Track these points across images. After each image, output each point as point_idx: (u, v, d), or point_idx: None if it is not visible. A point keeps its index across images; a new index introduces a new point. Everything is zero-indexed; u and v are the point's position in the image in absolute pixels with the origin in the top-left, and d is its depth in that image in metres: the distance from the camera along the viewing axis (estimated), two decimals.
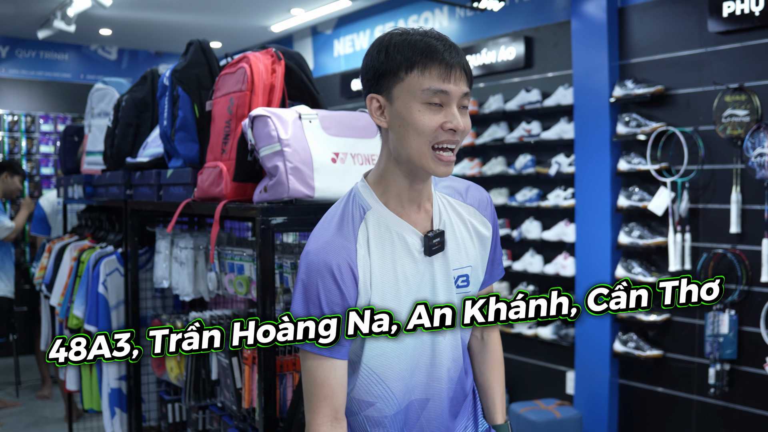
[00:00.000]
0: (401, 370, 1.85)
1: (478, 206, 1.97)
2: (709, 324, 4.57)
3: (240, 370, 2.80)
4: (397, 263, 1.80)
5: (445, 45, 1.69)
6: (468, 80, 1.71)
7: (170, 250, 3.36)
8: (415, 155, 1.71)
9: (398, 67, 1.69)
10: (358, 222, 1.80)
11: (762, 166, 4.28)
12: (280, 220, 2.45)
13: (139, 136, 3.85)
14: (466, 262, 1.91)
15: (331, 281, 1.72)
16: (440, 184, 1.95)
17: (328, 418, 1.77)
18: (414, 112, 1.68)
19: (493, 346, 2.13)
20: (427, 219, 1.86)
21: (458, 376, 1.96)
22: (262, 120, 2.51)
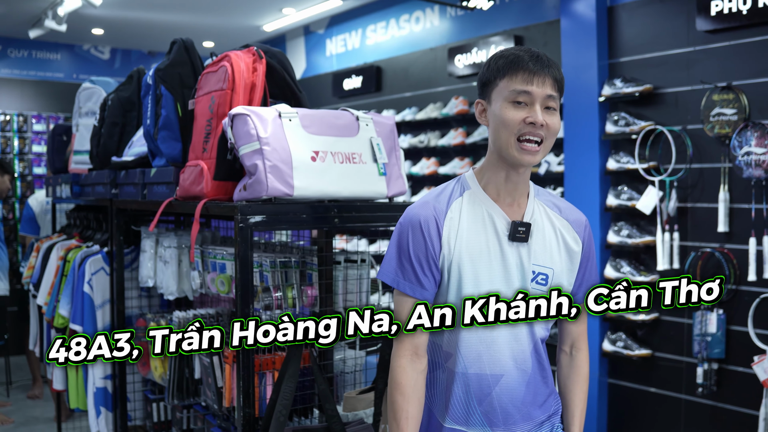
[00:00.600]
0: (472, 334, 2.05)
1: (573, 223, 2.16)
2: (697, 323, 4.56)
3: (221, 369, 2.80)
4: (482, 236, 2.04)
5: (531, 56, 1.98)
6: (554, 85, 1.98)
7: (155, 249, 3.36)
8: (504, 145, 1.99)
9: (495, 75, 2.01)
10: (456, 196, 2.10)
11: (749, 165, 4.28)
12: (258, 218, 2.45)
13: (125, 135, 3.84)
14: (549, 263, 2.09)
15: (418, 232, 2.04)
16: (543, 196, 2.18)
17: (409, 351, 2.06)
18: (503, 109, 1.98)
19: (580, 362, 2.26)
20: (519, 213, 2.10)
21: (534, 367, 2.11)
22: (242, 118, 2.52)
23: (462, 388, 2.08)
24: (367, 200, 2.69)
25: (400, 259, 2.06)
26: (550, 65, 2.00)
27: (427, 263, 2.04)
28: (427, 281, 2.05)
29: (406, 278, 2.06)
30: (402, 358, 2.06)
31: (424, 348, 2.09)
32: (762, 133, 4.23)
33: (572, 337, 2.26)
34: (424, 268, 2.04)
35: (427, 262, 2.04)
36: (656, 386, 5.02)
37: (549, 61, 2.00)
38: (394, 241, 2.09)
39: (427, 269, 2.05)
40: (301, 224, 2.57)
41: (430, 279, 2.06)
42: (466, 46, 6.52)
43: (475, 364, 2.06)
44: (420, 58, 7.23)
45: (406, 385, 2.05)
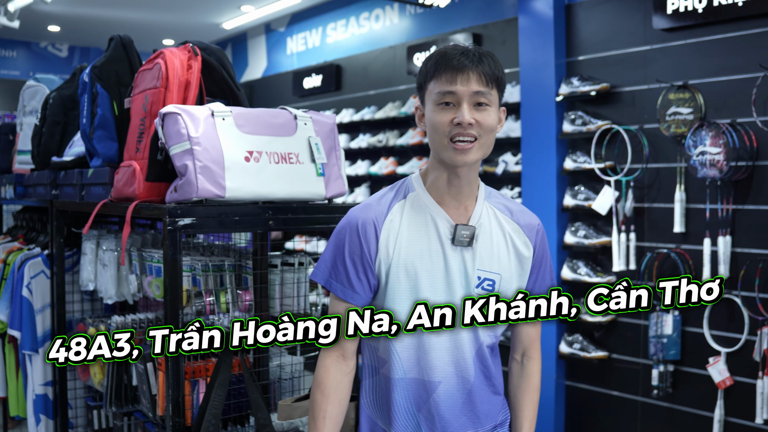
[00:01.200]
0: (410, 339, 2.00)
1: (524, 227, 2.09)
2: (653, 325, 4.52)
3: (155, 376, 2.71)
4: (424, 240, 1.99)
5: (457, 53, 1.92)
6: (483, 80, 1.90)
7: (96, 251, 3.26)
8: (438, 148, 1.94)
9: (424, 78, 1.98)
10: (399, 198, 2.05)
11: (703, 165, 4.24)
12: (187, 221, 2.37)
13: (67, 135, 3.74)
14: (496, 268, 2.02)
15: (355, 234, 1.99)
16: (494, 198, 2.11)
17: (335, 353, 2.03)
18: (432, 113, 1.94)
19: (531, 372, 2.20)
20: (465, 216, 2.02)
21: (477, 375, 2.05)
22: (172, 117, 2.43)
23: (402, 395, 2.03)
24: (304, 201, 2.60)
25: (335, 261, 2.02)
26: (480, 60, 1.91)
27: (362, 267, 2.00)
28: (359, 285, 2.00)
29: (339, 280, 2.01)
30: (327, 359, 2.03)
31: (353, 351, 2.06)
32: (716, 132, 4.20)
33: (524, 344, 2.19)
34: (358, 271, 2.00)
35: (362, 266, 1.99)
36: (613, 388, 4.97)
37: (479, 56, 1.92)
38: (332, 243, 2.05)
39: (362, 273, 2.00)
40: (234, 227, 2.48)
41: (364, 283, 2.01)
42: (425, 45, 6.46)
43: (413, 370, 2.01)
44: (379, 57, 7.15)
45: (328, 384, 2.02)
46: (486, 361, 2.05)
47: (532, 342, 2.19)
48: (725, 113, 4.32)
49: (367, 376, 2.11)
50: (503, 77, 1.97)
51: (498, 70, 1.94)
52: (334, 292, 2.02)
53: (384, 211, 2.02)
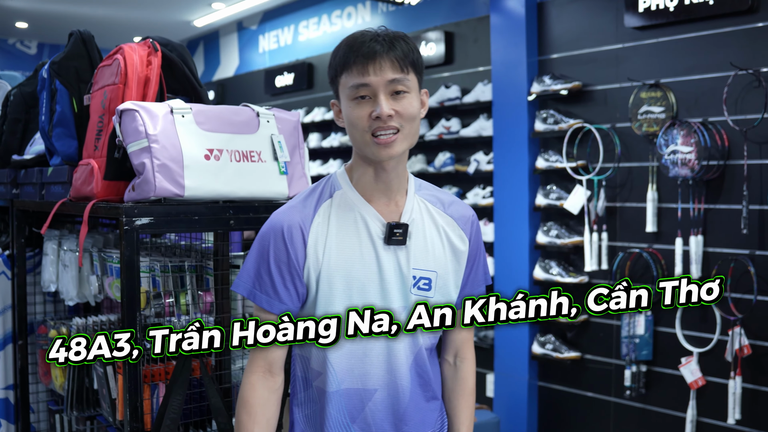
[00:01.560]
0: (344, 348, 1.88)
1: (458, 219, 2.00)
2: (625, 325, 4.50)
3: (115, 380, 2.65)
4: (355, 242, 1.88)
5: (368, 39, 1.79)
6: (397, 66, 1.78)
7: (57, 252, 3.19)
8: (360, 146, 1.83)
9: (335, 72, 1.86)
10: (325, 198, 1.92)
11: (675, 164, 4.22)
12: (145, 220, 2.30)
13: (28, 133, 3.65)
14: (432, 265, 1.93)
15: (280, 240, 1.85)
16: (424, 190, 2.01)
17: (261, 369, 1.89)
18: (348, 109, 1.82)
19: (465, 374, 2.09)
20: (396, 213, 1.92)
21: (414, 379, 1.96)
22: (130, 114, 2.36)
23: (336, 408, 1.91)
24: (266, 200, 2.54)
25: (259, 270, 1.88)
26: (392, 45, 1.79)
27: (289, 275, 1.86)
28: (287, 295, 1.87)
29: (264, 291, 1.87)
30: (253, 375, 1.90)
31: (280, 365, 1.92)
32: (688, 131, 4.17)
33: (456, 344, 2.08)
34: (285, 280, 1.86)
35: (289, 274, 1.86)
36: (586, 389, 4.95)
37: (389, 41, 1.80)
38: (254, 250, 1.90)
39: (289, 282, 1.86)
40: (193, 226, 2.41)
41: (292, 293, 1.87)
42: None
43: (347, 379, 1.90)
44: None
45: (254, 403, 1.88)
46: (424, 365, 1.96)
47: (465, 341, 2.09)
48: (697, 112, 4.30)
49: (299, 389, 1.98)
50: (419, 59, 1.85)
51: (413, 52, 1.82)
52: (259, 304, 1.88)
53: (310, 214, 1.89)
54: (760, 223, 4.04)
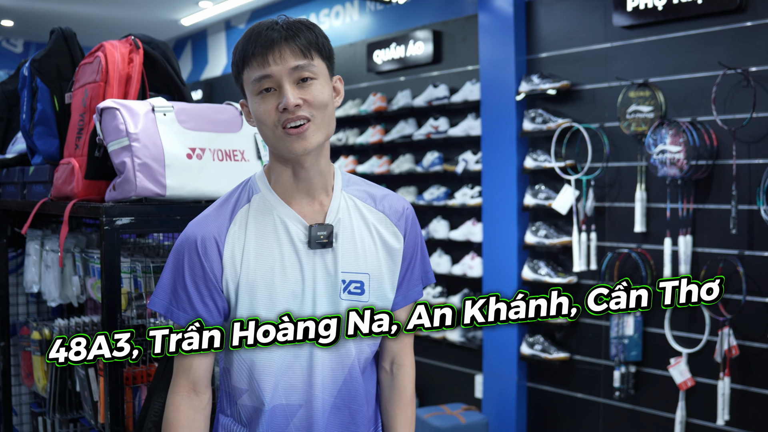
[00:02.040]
0: (269, 363, 1.78)
1: (390, 215, 1.87)
2: (614, 326, 4.47)
3: (96, 382, 2.61)
4: (275, 248, 1.76)
5: (265, 27, 1.69)
6: (299, 52, 1.67)
7: (40, 252, 3.14)
8: (273, 142, 1.71)
9: (237, 70, 1.74)
10: (242, 204, 1.80)
11: (663, 164, 4.20)
12: (126, 220, 2.27)
13: (10, 131, 3.64)
14: (363, 267, 1.81)
15: (194, 253, 1.74)
16: (353, 186, 1.88)
17: (185, 388, 1.78)
18: (254, 106, 1.71)
19: (402, 383, 1.96)
20: (320, 213, 1.80)
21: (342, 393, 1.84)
22: (110, 112, 2.34)
23: (263, 427, 1.80)
24: None
25: (175, 285, 1.76)
26: (291, 32, 1.67)
27: (207, 290, 1.74)
28: (205, 311, 1.75)
29: (181, 307, 1.76)
30: (176, 395, 1.78)
31: (205, 382, 1.80)
32: (677, 131, 4.15)
33: (393, 351, 1.95)
34: (203, 295, 1.74)
35: (206, 289, 1.74)
36: (575, 390, 4.92)
37: (289, 27, 1.68)
38: (169, 265, 1.78)
39: (207, 297, 1.75)
40: (175, 226, 2.38)
41: (211, 308, 1.76)
42: (385, 42, 6.37)
43: (272, 396, 1.78)
44: (339, 54, 7.03)
45: (179, 426, 1.77)
46: (356, 377, 1.84)
47: (403, 347, 1.96)
48: (685, 111, 4.28)
49: (226, 406, 1.88)
50: (326, 43, 1.74)
51: (317, 36, 1.71)
52: (177, 322, 1.77)
53: (225, 223, 1.77)
54: (749, 223, 4.02)
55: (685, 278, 1.80)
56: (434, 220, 5.76)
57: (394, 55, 6.24)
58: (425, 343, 5.92)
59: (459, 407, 5.10)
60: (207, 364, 1.79)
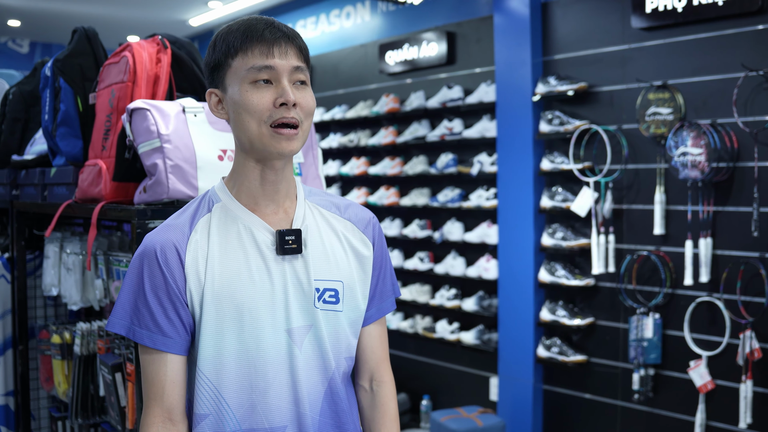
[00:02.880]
0: (241, 381, 1.66)
1: (357, 223, 1.83)
2: (633, 328, 4.45)
3: (124, 387, 2.57)
4: (241, 257, 1.67)
5: (266, 24, 1.65)
6: (299, 55, 1.66)
7: (59, 255, 3.11)
8: (255, 137, 1.63)
9: (225, 55, 1.66)
10: (203, 213, 1.72)
11: (685, 166, 4.17)
12: (158, 223, 2.24)
13: (28, 132, 3.61)
14: (336, 275, 1.74)
15: (154, 264, 1.64)
16: (317, 196, 1.83)
17: (159, 418, 1.66)
18: (243, 94, 1.62)
19: (384, 399, 1.86)
20: (286, 220, 1.73)
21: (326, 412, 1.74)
22: (141, 113, 2.30)
23: None
24: None
25: (135, 302, 1.65)
26: (291, 34, 1.66)
27: (170, 303, 1.64)
28: (170, 327, 1.64)
29: (143, 325, 1.64)
30: (150, 427, 1.65)
31: (181, 410, 1.68)
32: (698, 133, 4.13)
33: (370, 366, 1.86)
34: (166, 309, 1.64)
35: (170, 302, 1.64)
36: (592, 392, 4.90)
37: (289, 29, 1.67)
38: (128, 279, 1.67)
39: (171, 311, 1.64)
40: None
41: (176, 324, 1.65)
42: (397, 43, 6.34)
43: (248, 419, 1.66)
44: (350, 55, 7.03)
45: None
46: (338, 393, 1.75)
47: (380, 362, 1.87)
48: (705, 114, 4.26)
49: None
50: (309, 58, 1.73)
51: (306, 48, 1.70)
52: (141, 341, 1.65)
53: (186, 230, 1.68)
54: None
55: None
56: (448, 222, 5.73)
57: (406, 56, 6.21)
58: (439, 346, 5.90)
59: (475, 410, 5.08)
60: (180, 386, 1.68)
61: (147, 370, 1.68)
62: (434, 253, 5.98)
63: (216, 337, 1.65)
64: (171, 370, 1.66)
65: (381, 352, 1.87)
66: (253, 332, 1.65)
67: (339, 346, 1.74)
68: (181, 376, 1.68)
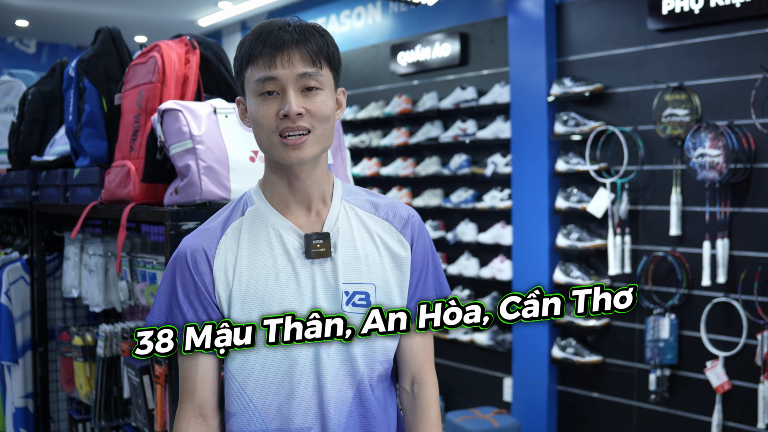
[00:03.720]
0: (266, 381, 1.68)
1: (395, 222, 1.78)
2: (650, 329, 4.46)
3: (152, 390, 2.57)
4: (269, 260, 1.69)
5: (276, 28, 1.62)
6: (308, 59, 1.61)
7: (80, 256, 3.10)
8: (267, 148, 1.65)
9: (240, 65, 1.67)
10: (236, 217, 1.75)
11: (703, 167, 4.18)
12: (191, 225, 2.22)
13: (47, 133, 3.58)
14: (366, 278, 1.71)
15: (185, 268, 1.69)
16: (354, 195, 1.80)
17: (191, 413, 1.71)
18: (253, 106, 1.64)
19: (425, 402, 1.82)
20: (318, 223, 1.73)
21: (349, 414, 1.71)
22: (173, 114, 2.29)
23: None
24: None
25: (170, 303, 1.70)
26: (303, 36, 1.61)
27: (201, 305, 1.68)
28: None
29: (176, 324, 1.69)
30: (182, 422, 1.70)
31: (212, 406, 1.72)
32: (716, 134, 4.13)
33: (412, 368, 1.82)
34: (197, 311, 1.68)
35: (200, 304, 1.68)
36: (607, 393, 4.90)
37: (302, 31, 1.62)
38: (164, 281, 1.73)
39: (202, 312, 1.68)
40: None
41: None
42: (408, 44, 6.34)
43: (275, 418, 1.68)
44: (361, 56, 7.03)
45: None
46: (368, 397, 1.72)
47: (421, 364, 1.83)
48: (722, 115, 4.26)
49: None
50: (336, 53, 1.68)
51: (328, 45, 1.64)
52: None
53: (217, 235, 1.71)
54: None
55: (599, 286, 1.70)
56: (462, 223, 5.74)
57: (419, 57, 6.21)
58: (452, 346, 5.90)
59: (490, 411, 5.08)
60: (211, 384, 1.72)
61: (181, 368, 1.73)
62: (447, 254, 5.98)
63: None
64: (202, 369, 1.70)
65: (423, 354, 1.83)
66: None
67: (370, 350, 1.72)
68: (212, 375, 1.72)
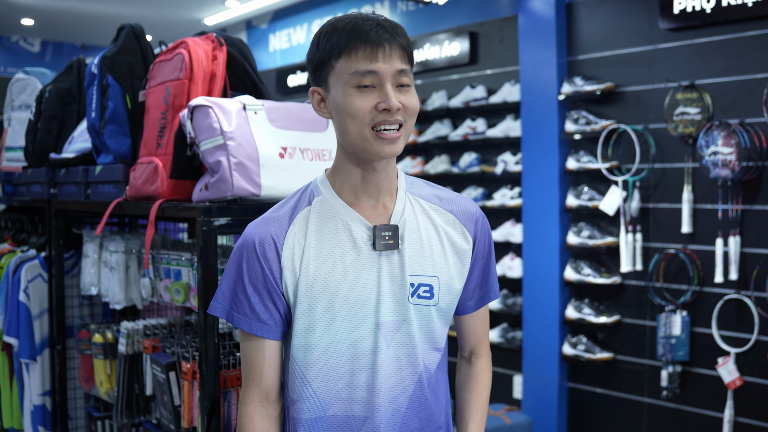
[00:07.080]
0: (327, 370, 1.72)
1: (459, 216, 1.82)
2: (661, 325, 4.48)
3: (178, 386, 2.57)
4: (336, 251, 1.71)
5: (372, 24, 1.62)
6: (403, 56, 1.65)
7: (99, 253, 3.10)
8: (357, 141, 1.64)
9: (328, 55, 1.65)
10: (303, 206, 1.76)
11: (716, 165, 4.20)
12: (223, 221, 2.24)
13: (64, 130, 3.57)
14: (431, 270, 1.75)
15: (253, 255, 1.70)
16: (419, 188, 1.83)
17: (257, 398, 1.76)
18: (346, 98, 1.63)
19: (479, 370, 1.95)
20: (385, 215, 1.75)
21: (410, 402, 1.76)
22: (203, 110, 2.30)
23: None
24: None
25: (235, 289, 1.73)
26: (397, 32, 1.64)
27: (267, 293, 1.71)
28: (267, 314, 1.71)
29: (242, 311, 1.72)
30: (249, 406, 1.75)
31: (276, 390, 1.78)
32: (728, 132, 4.16)
33: (471, 343, 1.95)
34: (263, 298, 1.71)
35: (267, 292, 1.70)
36: (618, 390, 4.92)
37: (394, 28, 1.64)
38: (229, 267, 1.75)
39: (268, 300, 1.71)
40: None
41: (272, 311, 1.72)
42: (417, 42, 6.35)
43: (333, 405, 1.72)
44: None
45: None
46: (424, 387, 1.77)
47: (480, 340, 1.95)
48: (733, 113, 4.29)
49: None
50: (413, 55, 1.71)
51: (411, 46, 1.68)
52: (239, 326, 1.73)
53: (285, 224, 1.73)
54: None
55: None
56: None
57: (428, 56, 6.23)
58: None
59: (501, 408, 5.10)
60: (276, 369, 1.77)
61: (246, 353, 1.76)
62: None
63: (306, 327, 1.71)
64: (268, 355, 1.75)
65: (481, 331, 1.96)
66: (342, 324, 1.70)
67: (429, 339, 1.77)
68: (278, 360, 1.77)
